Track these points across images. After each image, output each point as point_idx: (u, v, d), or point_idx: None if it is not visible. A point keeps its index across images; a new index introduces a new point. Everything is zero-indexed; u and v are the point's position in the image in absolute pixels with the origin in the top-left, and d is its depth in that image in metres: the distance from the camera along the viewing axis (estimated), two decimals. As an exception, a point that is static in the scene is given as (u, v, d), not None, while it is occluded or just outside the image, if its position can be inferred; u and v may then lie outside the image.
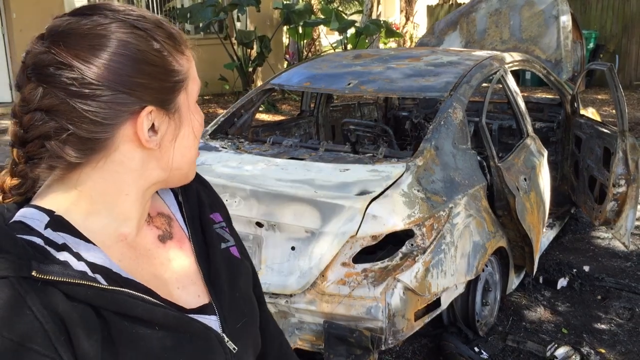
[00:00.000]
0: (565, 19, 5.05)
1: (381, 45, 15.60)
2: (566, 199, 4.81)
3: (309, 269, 2.73)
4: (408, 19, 16.79)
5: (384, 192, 2.82)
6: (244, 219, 2.84)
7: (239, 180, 3.00)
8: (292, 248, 2.78)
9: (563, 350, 3.28)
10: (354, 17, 13.71)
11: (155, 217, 0.95)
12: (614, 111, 4.65)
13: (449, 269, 2.87)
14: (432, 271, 2.78)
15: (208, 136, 3.74)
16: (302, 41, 12.81)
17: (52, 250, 0.78)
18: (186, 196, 1.01)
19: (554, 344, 3.36)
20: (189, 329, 0.86)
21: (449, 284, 2.89)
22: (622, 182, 3.92)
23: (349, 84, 3.71)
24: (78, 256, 0.80)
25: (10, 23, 9.54)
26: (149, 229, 0.93)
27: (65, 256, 0.79)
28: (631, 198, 3.97)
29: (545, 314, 3.78)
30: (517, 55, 4.28)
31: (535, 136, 3.95)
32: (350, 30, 12.11)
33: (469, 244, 3.02)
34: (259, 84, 8.18)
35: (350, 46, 12.26)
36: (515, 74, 4.17)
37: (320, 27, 13.82)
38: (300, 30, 12.04)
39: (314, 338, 2.78)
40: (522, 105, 3.93)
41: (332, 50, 13.00)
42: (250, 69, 11.31)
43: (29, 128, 0.79)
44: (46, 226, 0.80)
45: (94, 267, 0.80)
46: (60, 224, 0.81)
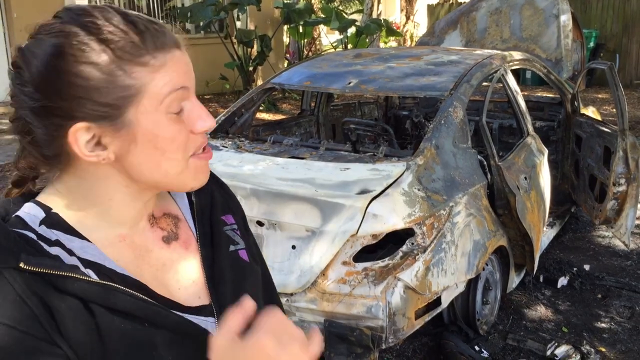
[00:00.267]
0: (566, 18, 5.05)
1: (381, 45, 15.61)
2: (566, 198, 4.81)
3: (310, 267, 2.73)
4: (408, 18, 16.79)
5: (384, 191, 2.83)
6: (244, 218, 2.84)
7: (240, 179, 3.00)
8: (293, 247, 2.78)
9: (563, 349, 3.29)
10: (355, 16, 13.70)
11: (160, 218, 0.94)
12: (614, 110, 4.65)
13: (450, 268, 2.87)
14: (433, 270, 2.79)
15: (209, 135, 3.75)
16: (303, 40, 12.82)
17: (45, 245, 0.79)
18: (198, 197, 0.99)
19: (554, 342, 3.36)
20: (180, 329, 0.85)
21: (449, 283, 2.89)
22: (623, 181, 3.92)
23: (350, 83, 3.71)
24: (70, 252, 0.81)
25: (11, 23, 9.54)
26: (152, 230, 0.92)
27: (57, 251, 0.80)
28: (631, 197, 3.97)
29: (546, 312, 3.79)
30: (518, 54, 4.29)
31: (536, 135, 3.95)
32: (350, 30, 12.11)
33: (469, 242, 3.02)
34: (259, 83, 8.18)
35: (350, 45, 12.26)
36: (515, 73, 4.17)
37: (321, 26, 13.82)
38: (301, 30, 12.04)
39: (314, 337, 2.78)
40: (523, 104, 3.93)
41: (333, 50, 13.00)
42: (251, 68, 11.31)
43: (13, 120, 0.82)
44: (40, 222, 0.81)
45: (86, 263, 0.81)
46: (55, 222, 0.82)
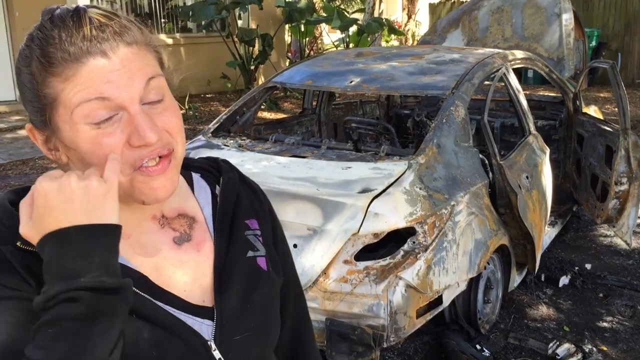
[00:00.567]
0: (568, 17, 5.04)
1: (383, 44, 15.60)
2: (568, 197, 4.81)
3: (311, 266, 2.73)
4: (410, 17, 16.77)
5: (386, 190, 2.83)
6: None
7: (241, 178, 3.00)
8: (294, 246, 2.79)
9: (565, 348, 3.28)
10: (356, 15, 13.68)
11: (174, 219, 0.93)
12: (616, 109, 4.65)
13: (451, 267, 2.87)
14: (434, 269, 2.79)
15: (210, 134, 3.75)
16: (304, 39, 12.81)
17: None
18: (223, 198, 0.97)
19: (555, 341, 3.36)
20: (168, 326, 0.83)
21: (450, 282, 2.89)
22: (624, 180, 3.92)
23: (351, 82, 3.71)
24: None
25: (13, 22, 9.55)
26: (162, 231, 0.91)
27: None
28: (633, 196, 3.97)
29: (547, 311, 3.79)
30: (519, 53, 4.28)
31: (538, 134, 3.95)
32: (352, 29, 12.11)
33: (470, 241, 3.02)
34: (261, 82, 8.18)
35: (352, 44, 12.26)
36: (517, 71, 4.16)
37: (322, 25, 13.80)
38: (303, 28, 12.03)
39: (316, 335, 2.78)
40: (524, 103, 3.93)
41: (334, 49, 13.00)
42: (253, 67, 11.31)
43: None
44: None
45: None
46: None
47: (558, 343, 3.34)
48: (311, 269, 2.73)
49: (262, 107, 7.98)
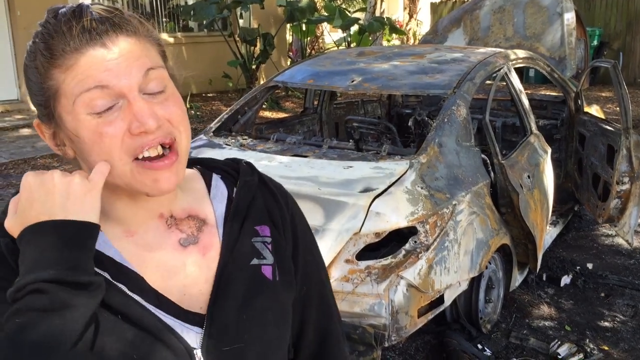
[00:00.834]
0: (569, 16, 5.04)
1: (384, 43, 15.59)
2: (570, 197, 4.80)
3: (313, 265, 2.73)
4: (411, 17, 16.75)
5: (387, 190, 2.83)
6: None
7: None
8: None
9: (566, 348, 3.28)
10: (358, 15, 13.68)
11: (182, 220, 0.91)
12: (618, 109, 4.64)
13: (452, 266, 2.88)
14: (436, 268, 2.79)
15: (212, 133, 3.75)
16: (306, 38, 12.80)
17: None
18: (238, 203, 0.94)
19: (557, 341, 3.36)
20: (152, 330, 0.82)
21: (452, 281, 2.89)
22: (626, 180, 3.92)
23: (353, 82, 3.71)
24: None
25: (15, 21, 9.55)
26: (169, 231, 0.90)
27: None
28: (635, 195, 3.97)
29: (549, 311, 3.78)
30: (521, 53, 4.28)
31: (539, 134, 3.94)
32: (353, 28, 12.10)
33: (472, 241, 3.02)
34: (262, 82, 8.18)
35: (353, 44, 12.25)
36: (519, 71, 4.16)
37: (324, 25, 13.80)
38: (304, 28, 12.03)
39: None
40: (526, 102, 3.93)
41: (336, 48, 12.99)
42: (254, 67, 11.31)
43: None
44: None
45: None
46: None
47: (559, 342, 3.34)
48: (313, 268, 2.73)
49: (264, 107, 7.98)
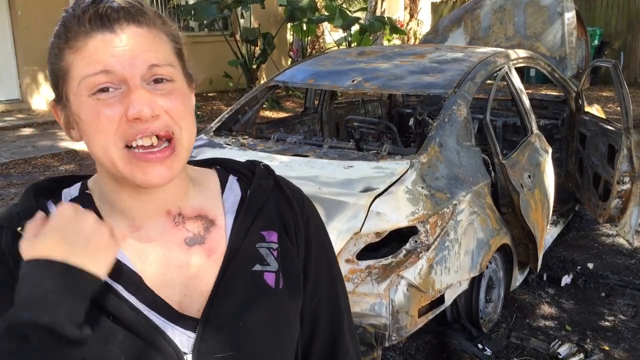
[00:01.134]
0: (570, 16, 5.03)
1: (385, 42, 15.59)
2: (570, 196, 4.80)
3: (313, 265, 2.73)
4: (412, 16, 16.75)
5: (388, 189, 2.83)
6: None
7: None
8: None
9: (567, 347, 3.28)
10: (358, 14, 13.67)
11: (190, 219, 0.90)
12: (618, 108, 4.64)
13: (453, 266, 2.87)
14: (436, 268, 2.78)
15: (212, 133, 3.75)
16: (306, 38, 12.80)
17: None
18: (247, 205, 0.93)
19: (557, 341, 3.36)
20: (143, 334, 0.81)
21: (452, 281, 2.89)
22: (627, 180, 3.91)
23: (353, 81, 3.71)
24: None
25: (15, 21, 9.55)
26: (175, 229, 0.89)
27: None
28: (635, 195, 3.97)
29: (549, 311, 3.78)
30: (522, 52, 4.28)
31: (540, 133, 3.94)
32: (354, 27, 12.09)
33: (472, 241, 3.02)
34: (263, 81, 8.18)
35: (354, 43, 12.25)
36: (519, 71, 4.16)
37: (324, 24, 13.79)
38: (305, 27, 12.03)
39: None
40: (527, 102, 3.93)
41: (336, 47, 12.99)
42: (255, 66, 11.31)
43: None
44: (72, 199, 0.90)
45: None
46: (83, 202, 0.87)
47: (560, 342, 3.34)
48: (313, 268, 2.73)
49: (264, 106, 7.98)
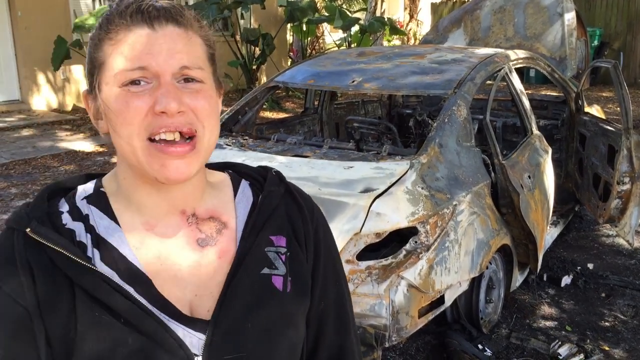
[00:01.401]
0: (570, 17, 5.03)
1: (385, 43, 15.59)
2: (570, 197, 4.80)
3: (313, 266, 2.73)
4: (412, 17, 16.76)
5: (388, 190, 2.83)
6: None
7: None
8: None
9: (567, 348, 3.28)
10: (358, 15, 13.69)
11: (203, 220, 0.91)
12: (618, 109, 4.64)
13: (453, 267, 2.87)
14: (436, 268, 2.79)
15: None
16: (306, 39, 12.80)
17: (69, 218, 0.86)
18: (258, 210, 0.95)
19: (557, 341, 3.36)
20: (154, 337, 0.82)
21: (452, 282, 2.89)
22: (627, 180, 3.92)
23: (353, 82, 3.71)
24: (91, 229, 0.86)
25: (15, 21, 9.55)
26: (189, 229, 0.90)
27: (77, 226, 0.85)
28: (635, 196, 3.97)
29: (549, 311, 3.78)
30: (522, 53, 4.28)
31: (540, 134, 3.94)
32: (354, 28, 12.09)
33: (473, 241, 3.02)
34: (263, 82, 8.18)
35: (354, 44, 12.25)
36: (519, 71, 4.16)
37: (324, 25, 13.80)
38: (304, 28, 12.03)
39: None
40: (527, 102, 3.93)
41: (336, 48, 12.99)
42: (254, 67, 11.31)
43: None
44: (85, 197, 0.90)
45: (98, 244, 0.85)
46: (96, 199, 0.90)
47: (560, 343, 3.34)
48: (313, 268, 2.73)
49: (264, 107, 7.98)
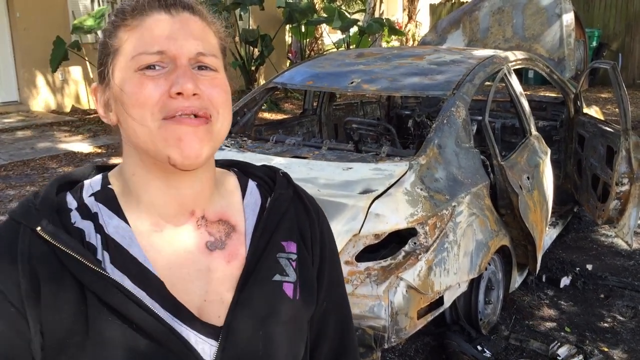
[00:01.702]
0: (568, 17, 5.04)
1: (384, 44, 15.60)
2: (569, 198, 4.81)
3: (312, 267, 2.72)
4: (411, 18, 16.77)
5: (387, 191, 2.83)
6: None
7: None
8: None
9: (566, 349, 3.28)
10: (357, 16, 13.70)
11: (213, 223, 0.90)
12: (617, 110, 4.64)
13: (452, 268, 2.87)
14: (435, 270, 2.78)
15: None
16: (305, 40, 12.81)
17: (78, 217, 0.83)
18: (270, 213, 0.93)
19: (556, 342, 3.36)
20: (166, 342, 0.80)
21: (451, 283, 2.89)
22: (625, 181, 3.92)
23: (352, 83, 3.71)
24: (100, 228, 0.83)
25: (14, 22, 9.55)
26: (198, 232, 0.88)
27: (87, 225, 0.83)
28: (634, 197, 3.97)
29: (548, 312, 3.78)
30: (520, 54, 4.28)
31: (539, 135, 3.95)
32: (352, 29, 12.10)
33: (472, 242, 3.02)
34: (261, 83, 8.18)
35: (353, 45, 12.26)
36: (518, 72, 4.16)
37: (323, 26, 13.80)
38: (303, 29, 12.04)
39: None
40: (525, 103, 3.93)
41: (335, 49, 13.00)
42: (253, 68, 11.31)
43: None
44: (92, 194, 0.87)
45: (108, 245, 0.83)
46: (104, 196, 0.86)
47: (559, 344, 3.34)
48: (312, 269, 2.72)
49: (263, 108, 7.98)
